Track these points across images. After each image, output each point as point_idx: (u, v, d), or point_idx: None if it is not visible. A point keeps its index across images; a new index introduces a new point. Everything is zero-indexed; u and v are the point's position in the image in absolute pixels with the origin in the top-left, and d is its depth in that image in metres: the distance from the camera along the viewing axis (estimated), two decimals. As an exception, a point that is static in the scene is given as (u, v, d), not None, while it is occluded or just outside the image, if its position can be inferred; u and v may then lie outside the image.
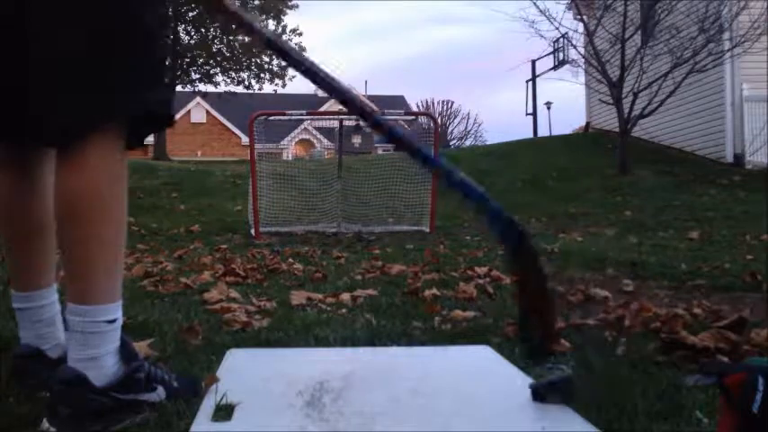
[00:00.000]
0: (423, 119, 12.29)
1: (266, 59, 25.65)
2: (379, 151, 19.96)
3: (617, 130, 12.40)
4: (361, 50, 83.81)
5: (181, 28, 24.86)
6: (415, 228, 7.43)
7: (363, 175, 8.67)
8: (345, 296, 2.93)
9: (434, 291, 3.02)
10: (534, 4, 13.66)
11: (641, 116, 11.89)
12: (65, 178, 1.37)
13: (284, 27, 25.80)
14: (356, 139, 8.45)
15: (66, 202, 1.37)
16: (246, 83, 25.79)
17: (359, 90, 41.96)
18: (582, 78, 14.55)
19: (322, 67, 1.49)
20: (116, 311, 1.43)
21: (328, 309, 2.72)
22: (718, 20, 11.32)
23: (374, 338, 2.19)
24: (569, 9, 13.99)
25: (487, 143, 26.72)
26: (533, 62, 22.43)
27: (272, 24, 25.54)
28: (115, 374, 1.42)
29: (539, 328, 1.45)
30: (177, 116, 35.86)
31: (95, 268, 1.39)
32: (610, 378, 1.73)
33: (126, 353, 1.46)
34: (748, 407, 1.08)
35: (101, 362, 1.41)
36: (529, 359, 1.64)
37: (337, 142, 8.47)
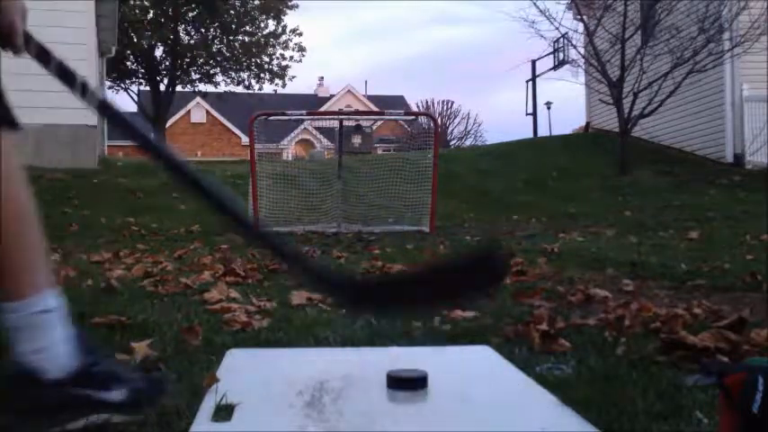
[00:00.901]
0: (423, 119, 12.30)
1: (266, 59, 25.68)
2: (379, 151, 19.97)
3: (617, 130, 12.41)
4: (361, 50, 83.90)
5: (181, 28, 24.89)
6: (415, 228, 7.43)
7: (363, 175, 8.67)
8: (345, 296, 2.92)
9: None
10: (534, 4, 13.65)
11: (641, 116, 11.90)
12: None
13: (284, 27, 25.82)
14: (356, 139, 8.45)
15: None
16: (246, 83, 25.82)
17: (359, 89, 41.91)
18: (582, 78, 14.57)
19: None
20: (47, 301, 1.37)
21: (328, 309, 2.72)
22: (718, 20, 11.33)
23: (374, 338, 2.19)
24: (569, 9, 14.00)
25: (487, 143, 26.70)
26: (533, 62, 22.41)
27: (272, 24, 25.57)
28: (68, 367, 1.36)
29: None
30: (177, 116, 36.15)
31: (8, 262, 1.35)
32: None
33: (83, 346, 1.40)
34: (748, 407, 1.08)
35: (48, 353, 1.35)
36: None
37: (337, 142, 8.46)
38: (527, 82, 24.07)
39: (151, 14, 24.13)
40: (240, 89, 26.11)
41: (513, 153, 13.99)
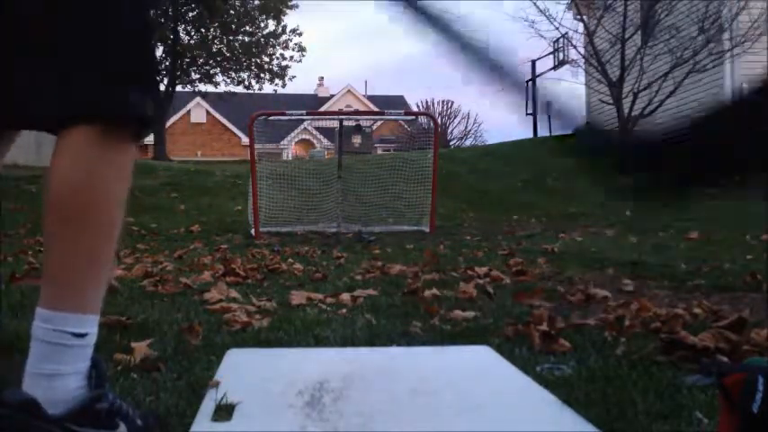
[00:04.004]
0: (423, 119, 12.30)
1: (266, 59, 25.68)
2: (379, 151, 19.97)
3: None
4: (362, 50, 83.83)
5: (181, 28, 24.89)
6: (415, 228, 7.43)
7: (363, 175, 8.68)
8: (345, 296, 2.93)
9: (434, 291, 3.02)
10: (534, 4, 13.69)
11: (641, 116, 11.90)
12: (60, 167, 1.22)
13: (284, 27, 25.81)
14: (356, 139, 8.45)
15: (57, 193, 1.22)
16: (246, 83, 25.82)
17: (359, 89, 41.94)
18: (582, 78, 14.58)
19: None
20: (87, 324, 1.22)
21: (328, 309, 2.72)
22: (718, 20, 11.34)
23: (374, 338, 2.19)
24: (569, 9, 14.01)
25: (487, 143, 26.70)
26: (533, 62, 22.41)
27: (272, 24, 25.58)
28: (75, 401, 1.19)
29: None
30: (177, 116, 36.13)
31: (74, 270, 1.22)
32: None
33: (96, 378, 1.24)
34: (748, 407, 1.08)
35: (60, 382, 1.19)
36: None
37: (337, 142, 8.47)
38: (527, 82, 24.07)
39: (151, 14, 24.13)
40: (240, 89, 26.11)
41: (513, 153, 14.00)
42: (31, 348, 1.20)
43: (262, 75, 25.74)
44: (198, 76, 25.54)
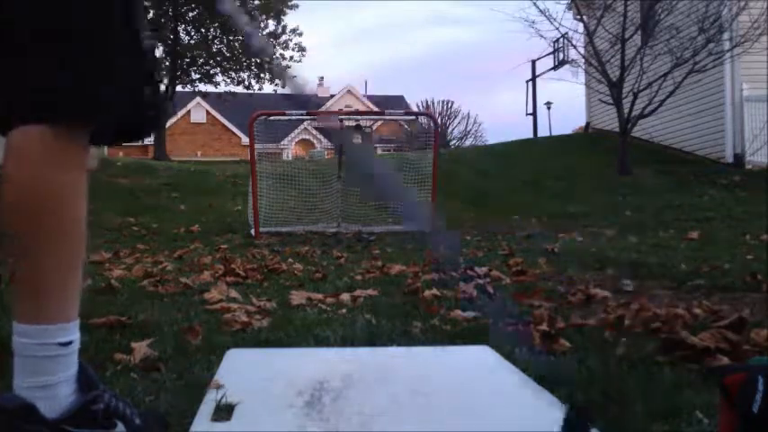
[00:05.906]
0: (423, 119, 12.31)
1: (266, 59, 25.66)
2: (379, 151, 19.96)
3: (617, 130, 12.41)
4: (361, 50, 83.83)
5: (181, 28, 24.89)
6: (415, 228, 7.43)
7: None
8: (345, 296, 2.93)
9: (434, 291, 3.02)
10: (534, 4, 13.68)
11: (641, 116, 11.90)
12: (14, 171, 1.17)
13: (284, 27, 25.82)
14: (356, 140, 8.45)
15: (12, 199, 1.18)
16: (246, 83, 25.82)
17: (359, 89, 41.91)
18: (582, 78, 14.57)
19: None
20: (71, 332, 1.22)
21: (328, 309, 2.72)
22: (718, 20, 11.33)
23: (374, 338, 2.19)
24: (569, 9, 14.00)
25: (487, 143, 26.71)
26: (533, 62, 22.43)
27: (272, 24, 25.59)
28: (70, 405, 1.20)
29: None
30: (177, 116, 36.10)
31: (46, 279, 1.19)
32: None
33: (85, 381, 1.24)
34: (748, 407, 1.08)
35: (52, 391, 1.19)
36: None
37: (337, 142, 8.46)
38: (527, 82, 24.09)
39: (151, 14, 24.13)
40: (240, 89, 26.11)
41: (513, 153, 13.99)
42: (16, 364, 1.19)
43: (262, 75, 25.74)
44: (198, 76, 25.53)
